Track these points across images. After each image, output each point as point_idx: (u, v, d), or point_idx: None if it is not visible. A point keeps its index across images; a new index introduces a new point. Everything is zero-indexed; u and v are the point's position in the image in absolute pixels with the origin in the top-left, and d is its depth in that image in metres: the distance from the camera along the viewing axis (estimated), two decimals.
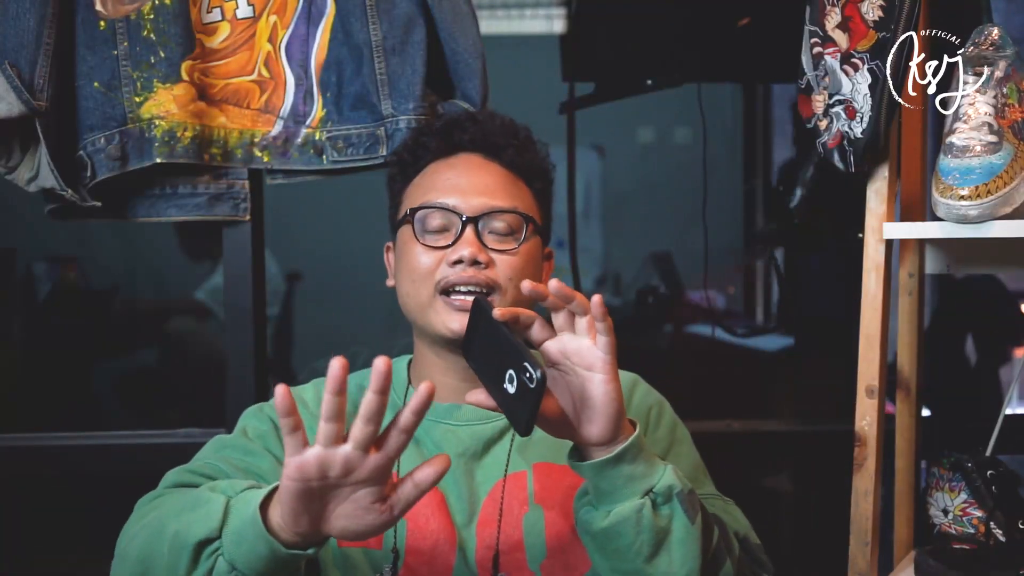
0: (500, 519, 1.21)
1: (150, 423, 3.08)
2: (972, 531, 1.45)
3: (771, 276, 3.16)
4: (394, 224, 1.30)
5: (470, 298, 1.17)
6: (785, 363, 2.57)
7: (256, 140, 1.59)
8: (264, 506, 0.97)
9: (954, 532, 1.47)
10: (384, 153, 1.56)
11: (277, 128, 1.59)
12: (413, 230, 1.23)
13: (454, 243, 1.21)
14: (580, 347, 1.03)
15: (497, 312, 1.02)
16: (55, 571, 2.62)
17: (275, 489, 0.98)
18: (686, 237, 2.43)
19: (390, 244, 1.32)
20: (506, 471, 1.23)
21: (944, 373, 2.92)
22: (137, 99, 1.52)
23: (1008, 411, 1.55)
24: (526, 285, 1.02)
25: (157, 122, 1.52)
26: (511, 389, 0.99)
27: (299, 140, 1.59)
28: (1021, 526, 1.42)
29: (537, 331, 1.05)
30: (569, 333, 1.03)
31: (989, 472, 1.45)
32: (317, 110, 1.59)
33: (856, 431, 1.38)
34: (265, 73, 1.58)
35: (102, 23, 1.52)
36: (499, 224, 1.22)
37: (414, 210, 1.24)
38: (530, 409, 0.97)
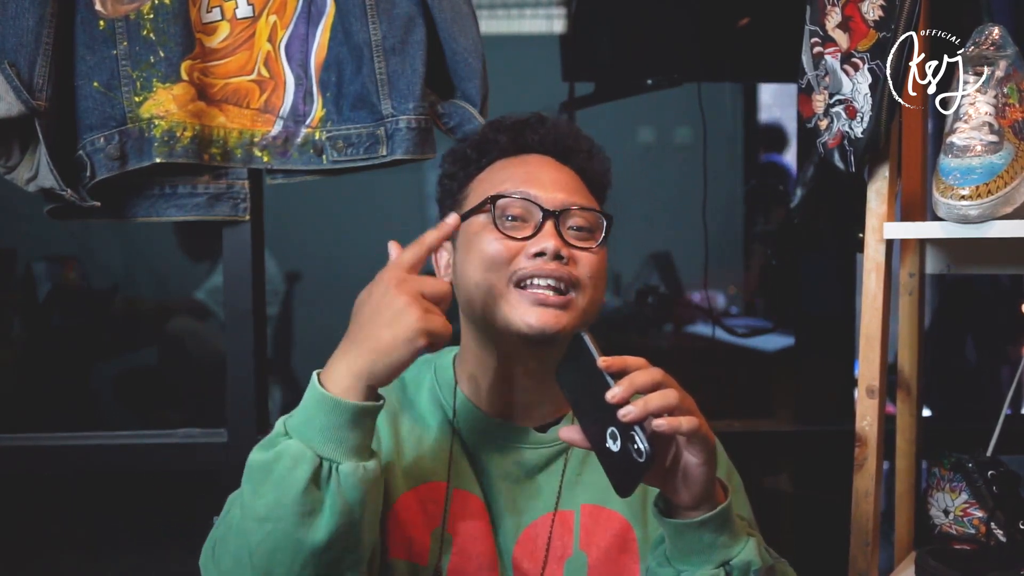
0: (546, 557, 1.18)
1: (150, 423, 3.08)
2: (973, 531, 1.45)
3: (771, 274, 3.16)
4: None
5: (550, 293, 1.14)
6: (785, 363, 2.56)
7: (256, 140, 1.58)
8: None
9: (955, 532, 1.47)
10: (384, 153, 1.56)
11: (277, 128, 1.59)
12: (493, 218, 1.18)
13: (533, 236, 1.16)
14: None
15: (602, 362, 0.98)
16: (55, 571, 2.61)
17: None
18: (686, 237, 2.42)
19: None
20: (556, 507, 1.19)
21: (944, 373, 2.92)
22: (136, 99, 1.52)
23: (1008, 411, 1.55)
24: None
25: (156, 122, 1.51)
26: (613, 447, 0.97)
27: (299, 140, 1.59)
28: (1022, 526, 1.42)
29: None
30: None
31: (990, 472, 1.45)
32: (317, 110, 1.59)
33: (856, 431, 1.38)
34: (265, 73, 1.58)
35: (101, 23, 1.51)
36: (580, 221, 1.19)
37: (495, 198, 1.19)
38: (634, 478, 0.96)
